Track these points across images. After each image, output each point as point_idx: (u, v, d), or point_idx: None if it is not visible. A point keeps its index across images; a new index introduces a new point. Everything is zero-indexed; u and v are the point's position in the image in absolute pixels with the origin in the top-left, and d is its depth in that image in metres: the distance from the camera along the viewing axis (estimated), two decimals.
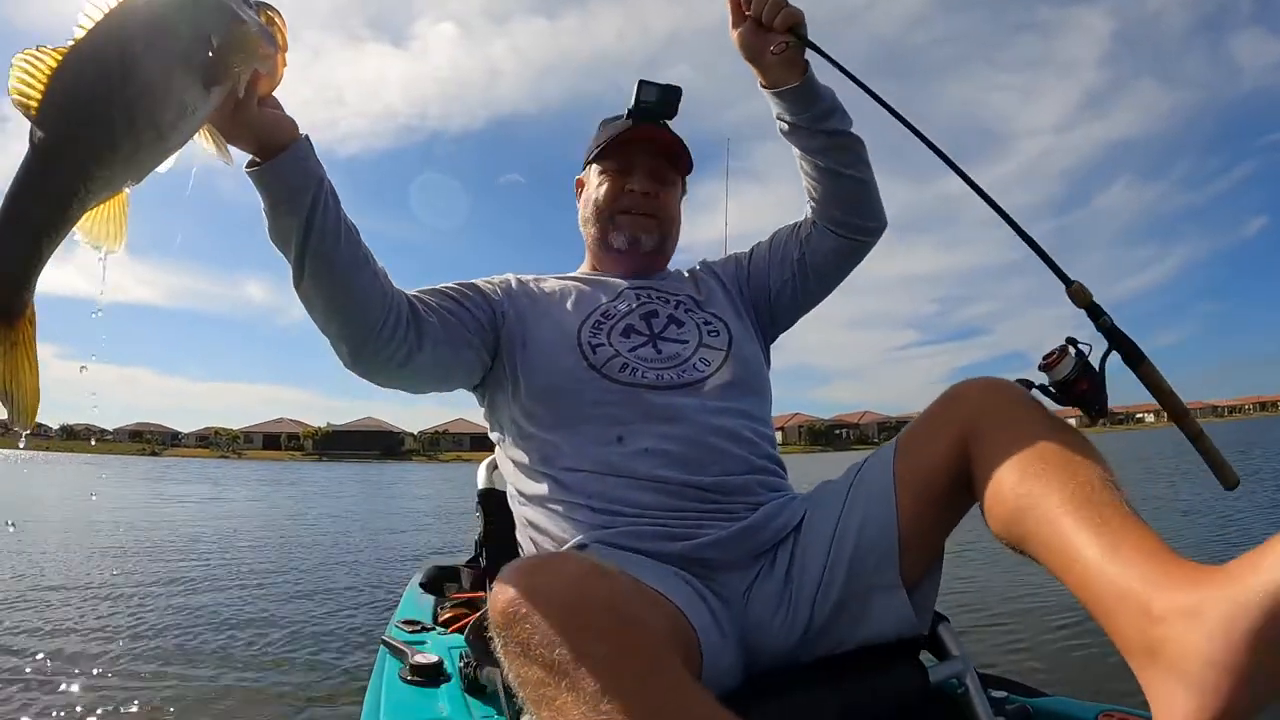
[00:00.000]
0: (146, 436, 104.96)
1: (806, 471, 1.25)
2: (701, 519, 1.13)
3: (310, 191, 0.99)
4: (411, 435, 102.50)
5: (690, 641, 0.92)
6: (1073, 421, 0.99)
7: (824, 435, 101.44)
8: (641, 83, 1.36)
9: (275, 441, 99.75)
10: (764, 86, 1.30)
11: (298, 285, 1.04)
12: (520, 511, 1.26)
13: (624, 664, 0.71)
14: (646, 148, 1.39)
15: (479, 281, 1.36)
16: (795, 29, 1.21)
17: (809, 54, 1.25)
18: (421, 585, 2.09)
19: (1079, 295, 1.04)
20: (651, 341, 1.27)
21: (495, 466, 1.52)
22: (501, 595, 0.78)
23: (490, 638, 0.81)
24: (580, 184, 1.48)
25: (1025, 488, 0.86)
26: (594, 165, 1.43)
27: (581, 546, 1.10)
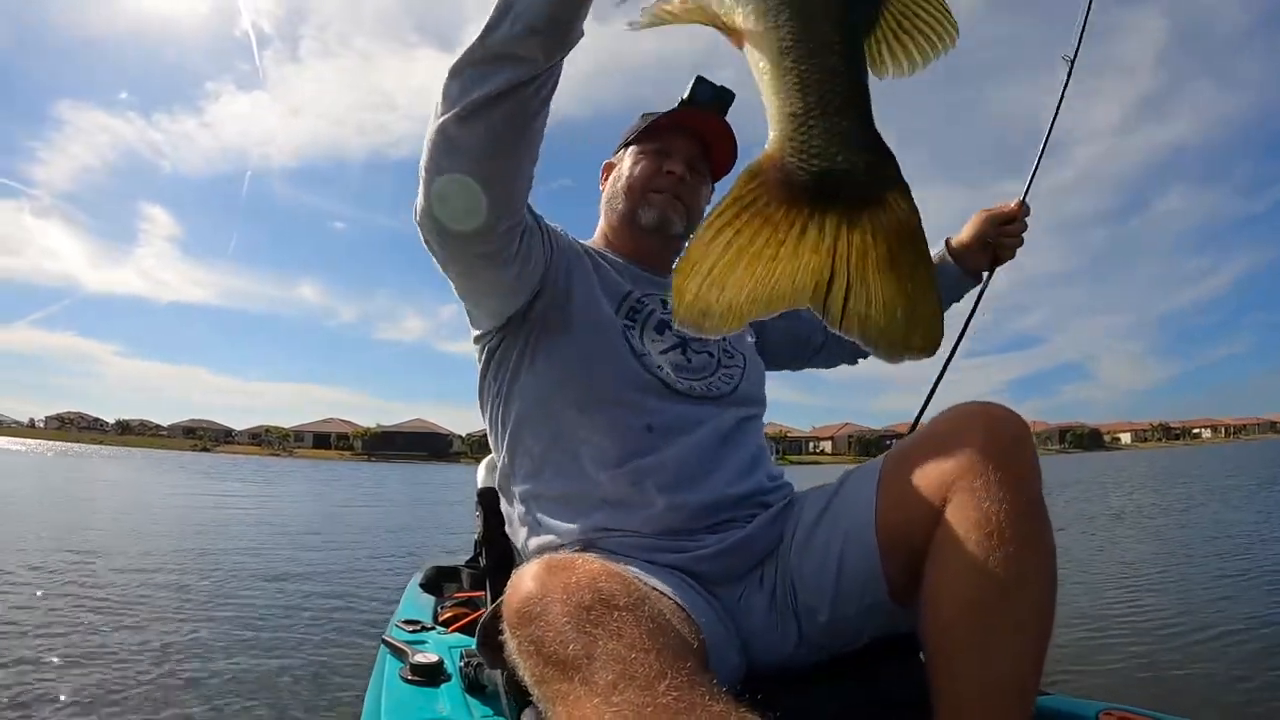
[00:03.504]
0: (199, 433, 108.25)
1: None
2: (702, 533, 1.12)
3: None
4: (460, 437, 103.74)
5: (698, 640, 0.91)
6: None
7: (874, 445, 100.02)
8: (698, 79, 1.34)
9: (325, 441, 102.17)
10: (950, 252, 1.53)
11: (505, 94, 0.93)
12: (516, 500, 1.23)
13: (637, 660, 0.71)
14: (688, 137, 1.35)
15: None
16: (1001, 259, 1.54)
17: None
18: (421, 585, 2.11)
19: None
20: (682, 346, 1.24)
21: (495, 467, 1.49)
22: (516, 594, 0.79)
23: (500, 639, 0.82)
24: (609, 167, 1.42)
25: (961, 634, 0.88)
26: (631, 147, 1.37)
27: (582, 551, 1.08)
